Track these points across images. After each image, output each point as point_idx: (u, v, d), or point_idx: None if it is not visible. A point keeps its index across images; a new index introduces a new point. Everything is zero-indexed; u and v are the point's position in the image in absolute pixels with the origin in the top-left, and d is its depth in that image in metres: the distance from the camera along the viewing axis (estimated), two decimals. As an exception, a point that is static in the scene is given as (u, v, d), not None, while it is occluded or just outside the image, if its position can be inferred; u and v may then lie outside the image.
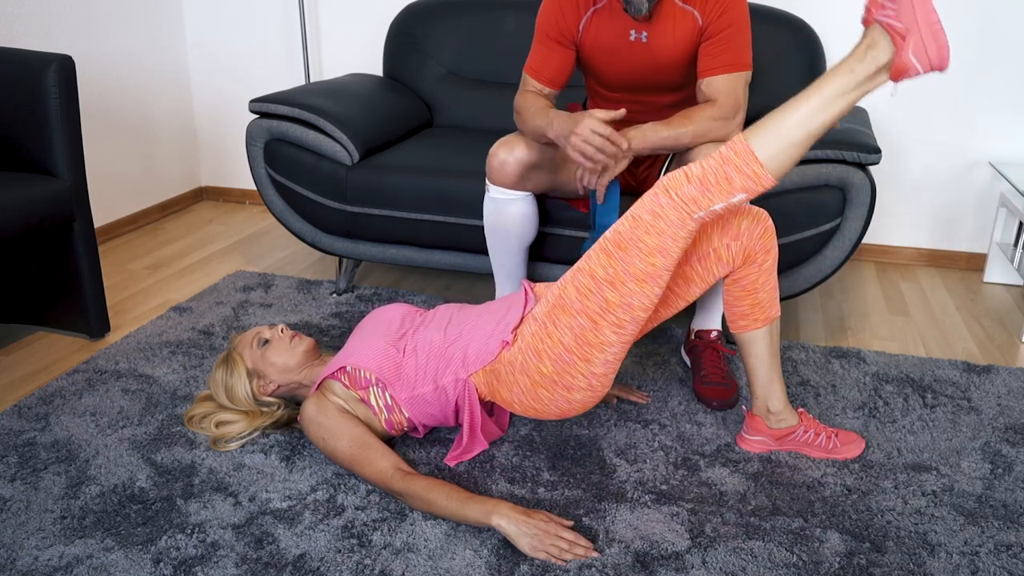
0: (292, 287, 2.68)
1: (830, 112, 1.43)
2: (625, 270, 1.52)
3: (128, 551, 1.50)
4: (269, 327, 1.86)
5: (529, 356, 1.61)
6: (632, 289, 1.52)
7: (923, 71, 1.39)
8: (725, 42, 1.87)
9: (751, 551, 1.50)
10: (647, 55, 1.94)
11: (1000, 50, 2.72)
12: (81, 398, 2.00)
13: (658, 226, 1.48)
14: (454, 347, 1.70)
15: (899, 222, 3.01)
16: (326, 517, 1.59)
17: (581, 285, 1.56)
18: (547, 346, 1.59)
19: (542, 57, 2.01)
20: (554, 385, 1.61)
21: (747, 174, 1.44)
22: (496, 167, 2.01)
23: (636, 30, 1.91)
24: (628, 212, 1.53)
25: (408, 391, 1.70)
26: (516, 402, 1.67)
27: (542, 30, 1.99)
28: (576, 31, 1.96)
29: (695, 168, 1.47)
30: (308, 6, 3.30)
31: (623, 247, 1.52)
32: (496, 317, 1.72)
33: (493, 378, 1.67)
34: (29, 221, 2.05)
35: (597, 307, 1.54)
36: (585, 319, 1.55)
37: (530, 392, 1.63)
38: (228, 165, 3.66)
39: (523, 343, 1.63)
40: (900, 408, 1.99)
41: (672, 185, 1.48)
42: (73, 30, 2.93)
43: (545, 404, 1.64)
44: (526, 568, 1.45)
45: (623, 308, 1.54)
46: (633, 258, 1.51)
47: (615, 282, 1.53)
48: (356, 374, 1.71)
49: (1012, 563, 1.48)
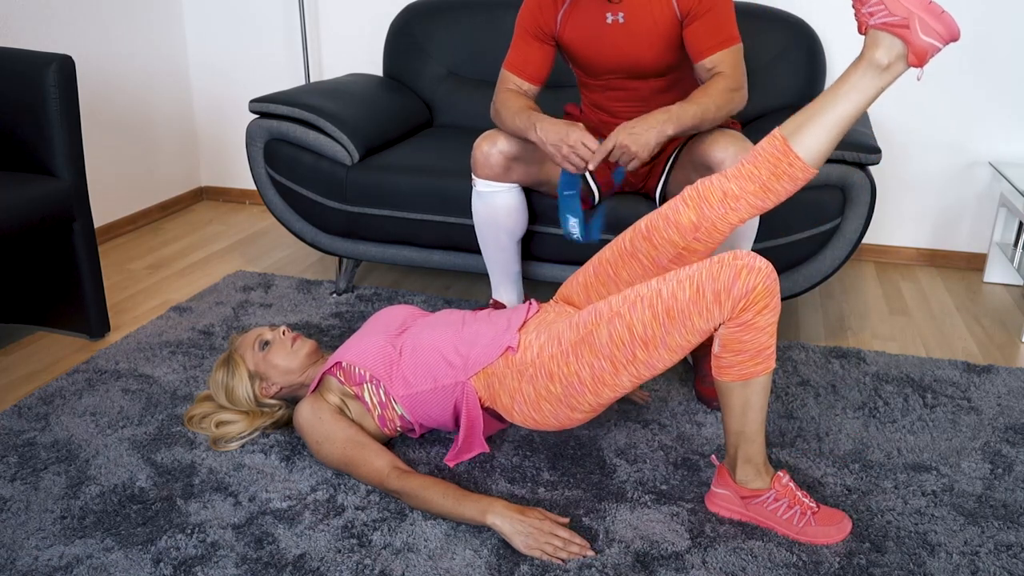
0: (292, 287, 2.68)
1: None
2: (663, 339, 1.48)
3: (128, 551, 1.50)
4: (270, 328, 1.86)
5: (540, 372, 1.59)
6: (662, 355, 1.50)
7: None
8: (713, 22, 1.89)
9: (751, 551, 1.50)
10: (625, 36, 1.95)
11: (1000, 50, 2.72)
12: (81, 398, 2.00)
13: (714, 316, 1.45)
14: (457, 349, 1.69)
15: (899, 222, 3.01)
16: (326, 517, 1.59)
17: (615, 333, 1.51)
18: (563, 373, 1.57)
19: (522, 54, 2.03)
20: (559, 403, 1.60)
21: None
22: (480, 159, 2.02)
23: (612, 12, 1.94)
24: (695, 276, 1.46)
25: (406, 389, 1.69)
26: (516, 411, 1.65)
27: (521, 26, 2.03)
28: (555, 25, 2.00)
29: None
30: (308, 6, 3.30)
31: (672, 317, 1.46)
32: (501, 325, 1.72)
33: (495, 382, 1.66)
34: (29, 221, 2.05)
35: (624, 358, 1.51)
36: (608, 364, 1.52)
37: (533, 403, 1.62)
38: (228, 165, 3.66)
39: (537, 358, 1.61)
40: (900, 408, 1.99)
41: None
42: (73, 30, 2.93)
43: (545, 416, 1.63)
44: (526, 568, 1.45)
45: (646, 366, 1.52)
46: (676, 332, 1.47)
47: (649, 344, 1.49)
48: (351, 370, 1.71)
49: (1012, 563, 1.48)
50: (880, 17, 1.43)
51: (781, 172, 1.53)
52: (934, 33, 1.40)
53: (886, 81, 1.47)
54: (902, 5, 1.41)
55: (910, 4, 1.41)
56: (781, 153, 1.52)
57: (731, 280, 1.42)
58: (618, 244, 1.73)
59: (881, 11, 1.43)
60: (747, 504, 1.57)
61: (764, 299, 1.43)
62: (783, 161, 1.52)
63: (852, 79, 1.48)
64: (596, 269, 1.77)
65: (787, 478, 1.55)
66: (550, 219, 2.26)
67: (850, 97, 1.49)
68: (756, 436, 1.55)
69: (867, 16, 1.45)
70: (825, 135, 1.50)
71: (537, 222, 2.27)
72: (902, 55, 1.44)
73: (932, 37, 1.40)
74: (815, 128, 1.50)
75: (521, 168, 2.05)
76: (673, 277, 1.48)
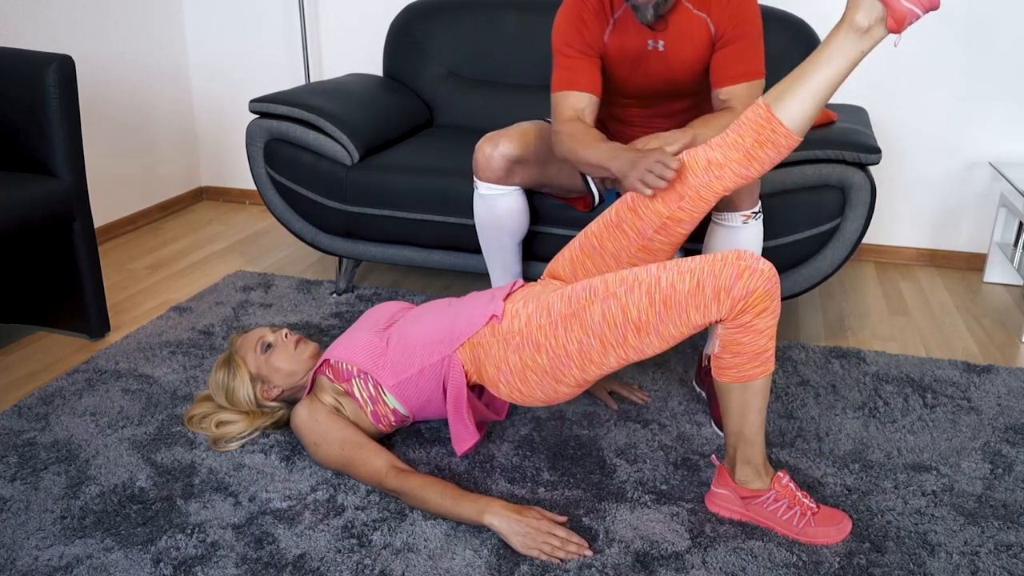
0: (292, 287, 2.68)
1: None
2: (656, 327, 1.48)
3: (128, 551, 1.50)
4: (272, 330, 1.85)
5: (527, 342, 1.59)
6: (652, 342, 1.50)
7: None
8: (740, 52, 1.86)
9: (751, 551, 1.50)
10: (663, 65, 1.92)
11: (1000, 50, 2.72)
12: (81, 398, 2.00)
13: (710, 312, 1.45)
14: (442, 326, 1.69)
15: (899, 222, 3.01)
16: (326, 517, 1.59)
17: (608, 313, 1.51)
18: (550, 345, 1.57)
19: (572, 71, 1.90)
20: (544, 375, 1.60)
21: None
22: (482, 162, 2.01)
23: (653, 39, 1.89)
24: (696, 270, 1.46)
25: (395, 377, 1.69)
26: (503, 381, 1.64)
27: (566, 46, 1.90)
28: (602, 42, 1.92)
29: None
30: (308, 6, 3.30)
31: (668, 307, 1.46)
32: (486, 298, 1.72)
33: (480, 352, 1.64)
34: (29, 221, 2.05)
35: (614, 339, 1.51)
36: (597, 342, 1.53)
37: (519, 373, 1.61)
38: (228, 165, 3.66)
39: (524, 327, 1.60)
40: (900, 408, 1.99)
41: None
42: (73, 30, 2.93)
43: (532, 388, 1.62)
44: (526, 568, 1.45)
45: (635, 350, 1.52)
46: (671, 322, 1.47)
47: (641, 330, 1.49)
48: (339, 366, 1.72)
49: (1012, 563, 1.48)
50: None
51: (765, 139, 1.54)
52: (916, 0, 1.43)
53: (867, 45, 1.48)
54: None
55: None
56: (764, 120, 1.53)
57: (732, 279, 1.42)
58: (604, 217, 1.75)
59: None
60: (747, 504, 1.57)
61: (764, 302, 1.43)
62: (766, 128, 1.53)
63: (833, 44, 1.49)
64: (582, 242, 1.78)
65: (787, 478, 1.55)
66: (551, 219, 2.26)
67: (832, 62, 1.49)
68: (755, 437, 1.55)
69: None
70: (808, 100, 1.51)
71: (539, 223, 2.27)
72: (881, 18, 1.46)
73: (912, 3, 1.42)
74: (798, 94, 1.51)
75: (523, 171, 2.04)
76: (674, 267, 1.48)
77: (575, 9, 1.90)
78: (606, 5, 1.90)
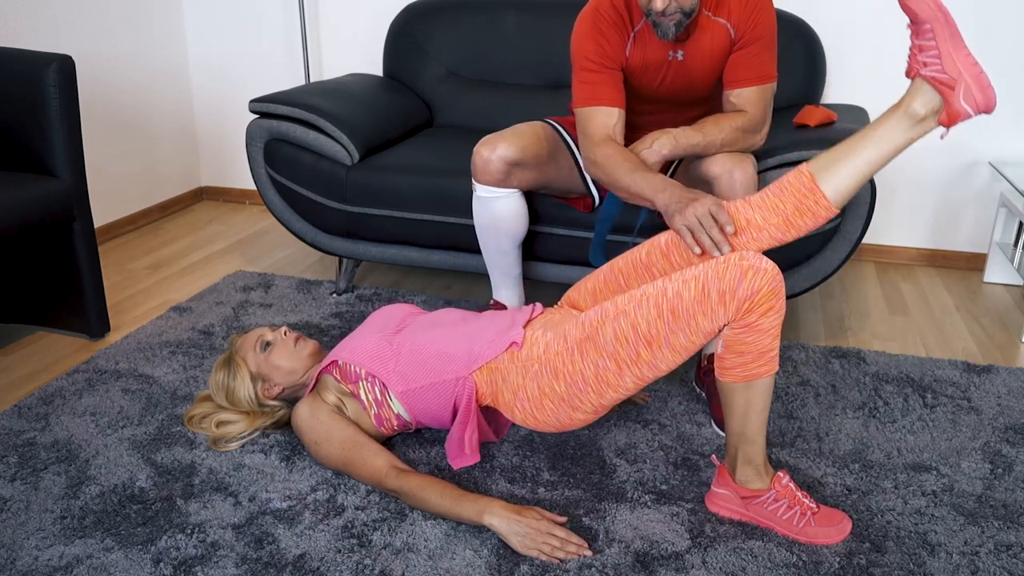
0: (292, 287, 2.68)
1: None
2: (667, 338, 1.48)
3: (128, 551, 1.50)
4: (271, 329, 1.85)
5: (545, 369, 1.60)
6: (665, 355, 1.51)
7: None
8: (755, 55, 1.86)
9: (751, 551, 1.50)
10: (682, 73, 1.92)
11: (1000, 50, 2.72)
12: (81, 398, 2.00)
13: (718, 316, 1.45)
14: (459, 344, 1.69)
15: (899, 222, 3.01)
16: (326, 517, 1.59)
17: (620, 331, 1.51)
18: (567, 371, 1.58)
19: (593, 84, 1.89)
20: (561, 402, 1.61)
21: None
22: (480, 165, 2.01)
23: (673, 50, 1.89)
24: (700, 276, 1.46)
25: (404, 385, 1.69)
26: (518, 408, 1.65)
27: (587, 60, 1.88)
28: (623, 55, 1.90)
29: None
30: (308, 6, 3.30)
31: (677, 316, 1.47)
32: (506, 322, 1.72)
33: (499, 378, 1.66)
34: (29, 221, 2.05)
35: (627, 357, 1.52)
36: (612, 363, 1.53)
37: (535, 401, 1.62)
38: (228, 165, 3.66)
39: (543, 355, 1.61)
40: (900, 408, 1.99)
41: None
42: (73, 30, 2.93)
43: (547, 415, 1.63)
44: (526, 568, 1.45)
45: (650, 367, 1.52)
46: (680, 331, 1.47)
47: (653, 343, 1.49)
48: (347, 368, 1.72)
49: (1012, 563, 1.48)
50: (932, 70, 1.47)
51: (806, 208, 1.56)
52: (973, 102, 1.45)
53: (917, 134, 1.51)
54: (956, 67, 1.45)
55: (964, 68, 1.44)
56: (808, 190, 1.55)
57: (736, 280, 1.42)
58: (633, 255, 1.74)
59: (935, 65, 1.46)
60: (747, 504, 1.57)
61: (769, 301, 1.43)
62: (809, 198, 1.55)
63: (886, 125, 1.52)
64: (607, 277, 1.77)
65: (787, 478, 1.55)
66: (551, 220, 2.26)
67: (880, 145, 1.52)
68: (757, 437, 1.55)
69: (920, 65, 1.49)
70: (853, 176, 1.54)
71: (539, 223, 2.27)
72: (937, 111, 1.49)
73: (969, 104, 1.45)
74: (843, 169, 1.54)
75: (522, 173, 2.03)
76: (679, 277, 1.49)
77: (593, 22, 1.88)
78: (625, 18, 1.88)
